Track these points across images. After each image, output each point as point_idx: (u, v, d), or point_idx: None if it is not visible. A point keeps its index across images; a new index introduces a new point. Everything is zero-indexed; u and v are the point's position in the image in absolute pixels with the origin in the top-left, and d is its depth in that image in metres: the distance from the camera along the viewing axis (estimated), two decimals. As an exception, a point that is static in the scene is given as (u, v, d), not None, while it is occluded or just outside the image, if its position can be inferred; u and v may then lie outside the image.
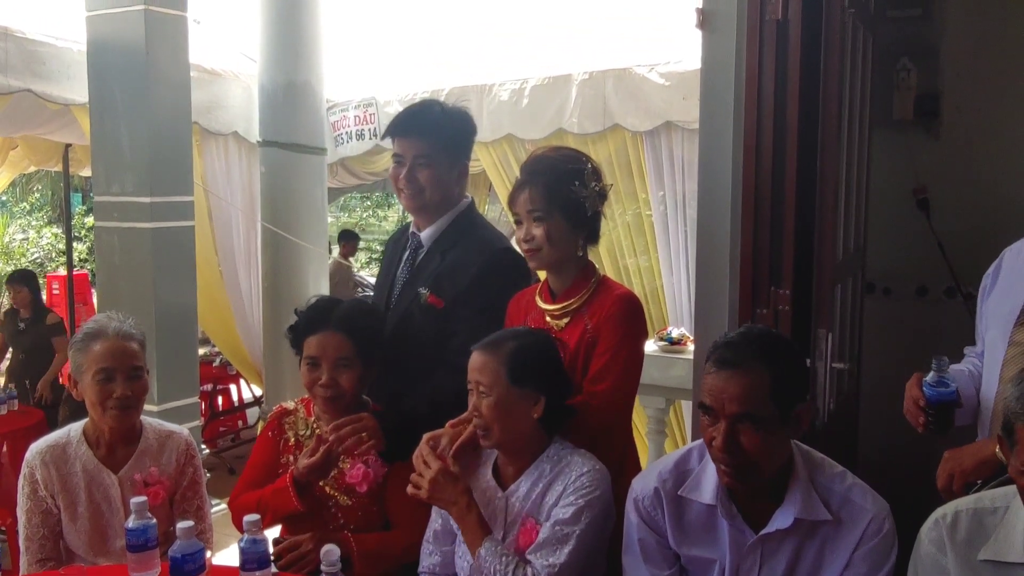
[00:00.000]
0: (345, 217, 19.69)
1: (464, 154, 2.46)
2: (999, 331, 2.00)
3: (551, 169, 2.18)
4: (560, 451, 1.99)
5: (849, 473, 1.82)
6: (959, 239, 3.24)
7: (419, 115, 2.40)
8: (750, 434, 1.67)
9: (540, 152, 2.29)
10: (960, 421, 2.13)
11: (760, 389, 1.67)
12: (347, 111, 5.61)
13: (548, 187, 2.14)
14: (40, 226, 15.43)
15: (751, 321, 2.46)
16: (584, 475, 1.92)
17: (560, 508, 1.90)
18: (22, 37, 4.24)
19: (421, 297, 2.35)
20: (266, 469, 2.32)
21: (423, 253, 2.46)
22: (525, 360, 1.94)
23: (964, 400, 2.06)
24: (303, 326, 2.26)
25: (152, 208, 4.05)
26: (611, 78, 4.46)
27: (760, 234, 2.47)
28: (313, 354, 2.23)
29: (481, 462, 2.08)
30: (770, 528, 1.76)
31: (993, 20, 3.25)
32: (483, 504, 2.00)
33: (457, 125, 2.44)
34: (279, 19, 5.22)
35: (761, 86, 2.42)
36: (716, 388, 1.69)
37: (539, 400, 1.94)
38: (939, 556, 1.59)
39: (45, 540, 2.26)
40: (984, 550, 1.54)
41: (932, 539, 1.61)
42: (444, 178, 2.40)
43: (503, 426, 1.95)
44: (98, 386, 2.23)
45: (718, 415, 1.69)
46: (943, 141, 3.36)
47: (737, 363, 1.68)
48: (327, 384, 2.21)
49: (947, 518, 1.60)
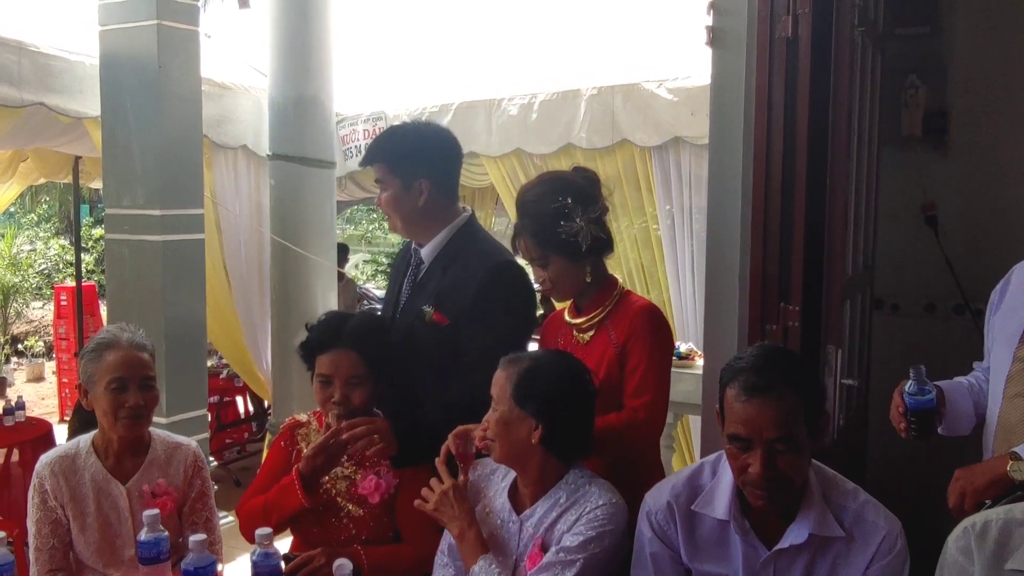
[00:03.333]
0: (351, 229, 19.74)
1: (421, 170, 2.38)
2: (1005, 348, 2.01)
3: (538, 215, 2.22)
4: (578, 479, 1.97)
5: (861, 490, 1.82)
6: (968, 256, 3.24)
7: (375, 141, 2.45)
8: (787, 456, 1.68)
9: (525, 191, 2.32)
10: (957, 432, 2.18)
11: (794, 412, 1.68)
12: (356, 125, 5.64)
13: (536, 235, 2.22)
14: (48, 237, 15.49)
15: (760, 337, 2.47)
16: (600, 508, 1.90)
17: (569, 536, 1.89)
18: (35, 51, 4.27)
19: (425, 315, 2.35)
20: (274, 477, 2.32)
21: (424, 269, 2.46)
22: (531, 383, 1.93)
23: (957, 411, 2.12)
24: (315, 343, 2.26)
25: (162, 221, 4.07)
26: (620, 93, 4.49)
27: (769, 250, 2.47)
28: (325, 372, 2.23)
29: (500, 486, 2.08)
30: (784, 544, 1.76)
31: (1002, 37, 3.26)
32: (497, 527, 2.01)
33: (409, 143, 2.42)
34: (289, 33, 5.25)
35: (771, 103, 2.43)
36: (751, 416, 1.68)
37: (537, 427, 1.92)
38: (966, 564, 1.58)
39: (55, 550, 2.27)
40: (1013, 559, 1.53)
41: (960, 547, 1.60)
42: (401, 198, 2.39)
43: (504, 443, 1.95)
44: (111, 395, 2.25)
45: (753, 442, 1.68)
46: (952, 158, 3.36)
47: (768, 389, 1.68)
48: (340, 402, 2.21)
49: (976, 527, 1.59)
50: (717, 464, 1.87)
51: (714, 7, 2.57)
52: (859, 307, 2.95)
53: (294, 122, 5.26)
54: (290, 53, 5.26)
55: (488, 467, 2.11)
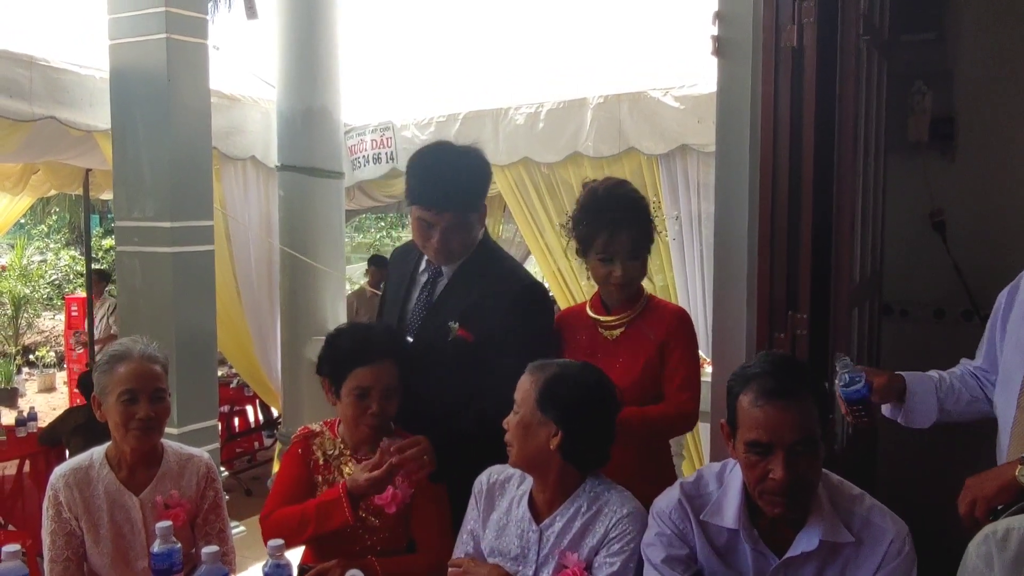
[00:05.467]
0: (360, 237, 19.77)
1: (483, 199, 2.46)
2: (1017, 356, 2.00)
3: (643, 211, 2.38)
4: (596, 487, 1.99)
5: (867, 494, 1.83)
6: (975, 261, 3.24)
7: (449, 186, 2.32)
8: (808, 459, 1.69)
9: (620, 185, 2.44)
10: (915, 424, 2.25)
11: (812, 414, 1.70)
12: (364, 135, 5.66)
13: (642, 229, 2.37)
14: (58, 248, 15.57)
15: (768, 345, 2.48)
16: (625, 518, 1.93)
17: (607, 559, 1.91)
18: (46, 65, 4.31)
19: (451, 331, 2.36)
20: (298, 485, 2.33)
21: (443, 283, 2.47)
22: (556, 389, 1.94)
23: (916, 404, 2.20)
24: (348, 356, 2.25)
25: (172, 233, 4.10)
26: (626, 102, 4.50)
27: (777, 258, 2.49)
28: (365, 384, 2.23)
29: (516, 494, 2.08)
30: (795, 551, 1.76)
31: (1007, 43, 3.27)
32: (516, 535, 2.02)
33: (483, 182, 2.44)
34: (297, 45, 5.29)
35: (777, 112, 2.45)
36: (773, 421, 1.68)
37: (557, 433, 1.93)
38: (986, 571, 1.58)
39: (69, 562, 2.28)
40: None
41: (980, 554, 1.60)
42: (475, 235, 2.44)
43: (521, 446, 1.96)
44: (122, 407, 2.26)
45: (773, 447, 1.68)
46: (958, 164, 3.36)
47: (788, 393, 1.68)
48: (377, 413, 2.22)
49: (997, 534, 1.59)
50: (723, 474, 1.87)
51: (719, 17, 2.58)
52: (867, 314, 2.95)
53: (302, 133, 5.30)
54: (298, 64, 5.29)
55: (503, 474, 2.12)
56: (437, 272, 2.49)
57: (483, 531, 2.10)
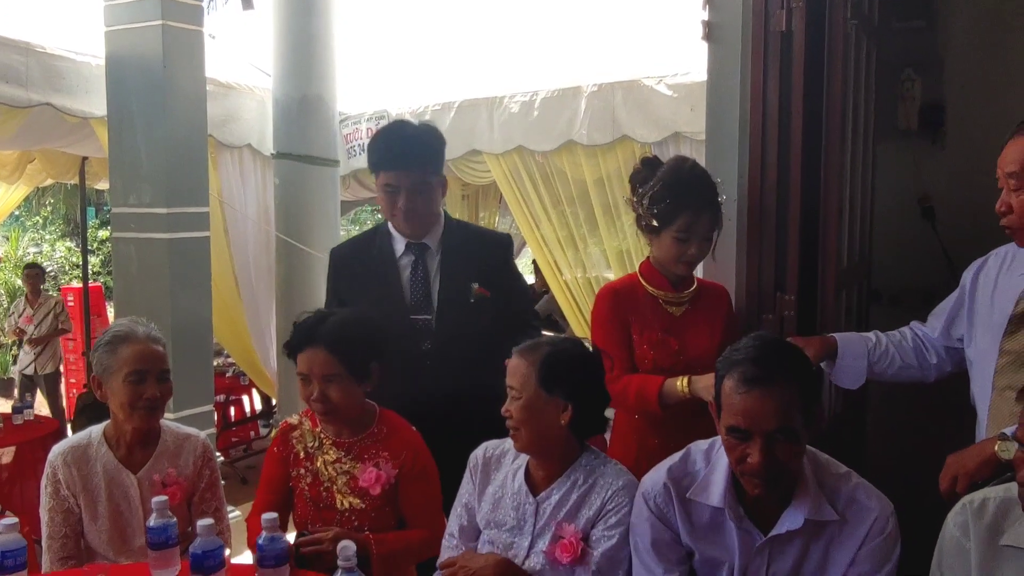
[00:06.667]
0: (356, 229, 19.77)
1: (441, 164, 2.61)
2: (990, 340, 2.03)
3: (715, 193, 2.38)
4: (592, 461, 2.04)
5: (854, 473, 1.85)
6: (964, 247, 3.24)
7: (409, 146, 2.52)
8: (785, 446, 1.70)
9: (702, 170, 2.42)
10: (844, 384, 2.31)
11: (793, 403, 1.70)
12: (359, 123, 5.68)
13: (717, 212, 2.37)
14: (53, 239, 15.56)
15: (758, 326, 2.51)
16: (621, 491, 1.98)
17: (605, 532, 1.96)
18: (42, 52, 4.31)
19: (471, 292, 2.52)
20: (278, 484, 2.37)
21: (435, 256, 2.58)
22: (556, 367, 1.98)
23: (845, 366, 2.26)
24: (293, 342, 2.29)
25: (169, 219, 4.11)
26: (620, 90, 4.52)
27: (765, 242, 2.52)
28: (303, 370, 2.26)
29: (512, 467, 2.12)
30: (780, 529, 1.79)
31: (996, 31, 3.30)
32: (513, 507, 2.06)
33: (438, 146, 2.58)
34: (292, 33, 5.30)
35: (766, 97, 2.48)
36: (751, 409, 1.69)
37: (567, 408, 1.98)
38: (962, 539, 1.61)
39: (67, 539, 2.31)
40: (1007, 535, 1.56)
41: (958, 523, 1.63)
42: (436, 199, 2.60)
43: (531, 429, 1.99)
44: (129, 387, 2.28)
45: (752, 433, 1.70)
46: (948, 151, 3.40)
47: (767, 380, 1.69)
48: (318, 399, 2.24)
49: (974, 503, 1.62)
50: (711, 452, 1.90)
51: (709, 2, 2.61)
52: (855, 298, 2.98)
53: (298, 121, 5.31)
54: (293, 53, 5.30)
55: (498, 448, 2.16)
56: (421, 249, 2.58)
57: (478, 504, 2.13)
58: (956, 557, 1.62)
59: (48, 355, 7.35)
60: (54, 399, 7.38)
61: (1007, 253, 2.13)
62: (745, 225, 2.56)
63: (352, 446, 2.30)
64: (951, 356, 2.26)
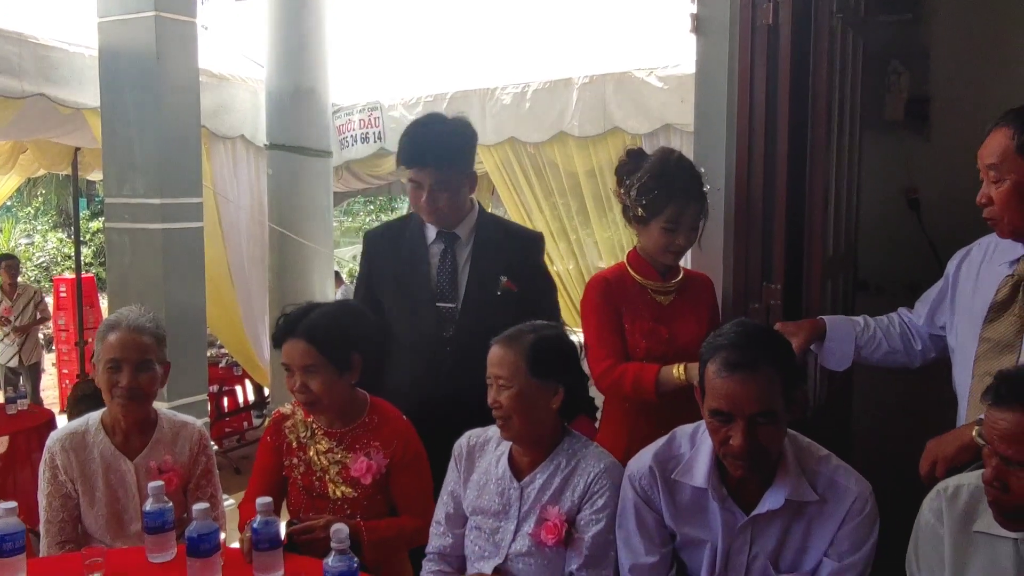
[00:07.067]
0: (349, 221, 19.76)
1: (472, 165, 2.62)
2: (970, 328, 2.07)
3: (700, 183, 2.42)
4: (573, 444, 2.09)
5: (833, 456, 1.90)
6: (949, 238, 3.27)
7: (432, 144, 2.51)
8: (767, 429, 1.75)
9: (688, 162, 2.46)
10: (830, 366, 2.34)
11: (773, 387, 1.75)
12: (352, 115, 5.70)
13: (703, 202, 2.41)
14: (45, 231, 15.54)
15: (744, 315, 2.55)
16: (603, 473, 2.02)
17: (592, 515, 2.00)
18: (35, 43, 4.32)
19: (499, 285, 2.55)
20: (271, 473, 2.40)
21: (465, 247, 2.61)
22: (545, 353, 2.02)
23: (833, 348, 2.28)
24: (277, 334, 2.32)
25: (162, 209, 4.13)
26: (611, 82, 4.55)
27: (752, 232, 2.56)
28: (285, 361, 2.29)
29: (496, 454, 2.15)
30: (761, 509, 1.84)
31: (982, 24, 3.34)
32: (498, 493, 2.09)
33: (465, 144, 2.59)
34: (285, 25, 5.32)
35: (753, 89, 2.52)
36: (732, 393, 1.74)
37: (558, 391, 2.03)
38: (936, 525, 1.66)
39: (64, 523, 2.35)
40: (979, 522, 1.61)
41: (932, 509, 1.68)
42: (461, 196, 2.59)
43: (524, 417, 2.03)
44: (107, 375, 2.33)
45: (734, 416, 1.74)
46: (934, 143, 3.44)
47: (748, 365, 1.74)
48: (300, 390, 2.27)
49: (948, 490, 1.67)
50: (695, 435, 1.94)
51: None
52: (842, 287, 3.03)
53: (291, 112, 5.33)
54: (286, 44, 5.32)
55: (482, 436, 2.20)
56: (451, 239, 2.61)
57: (464, 491, 2.17)
58: (931, 542, 1.67)
59: (31, 346, 7.36)
60: (35, 390, 7.38)
61: (990, 243, 2.17)
62: (732, 215, 2.60)
63: (344, 436, 2.34)
64: (935, 343, 2.30)
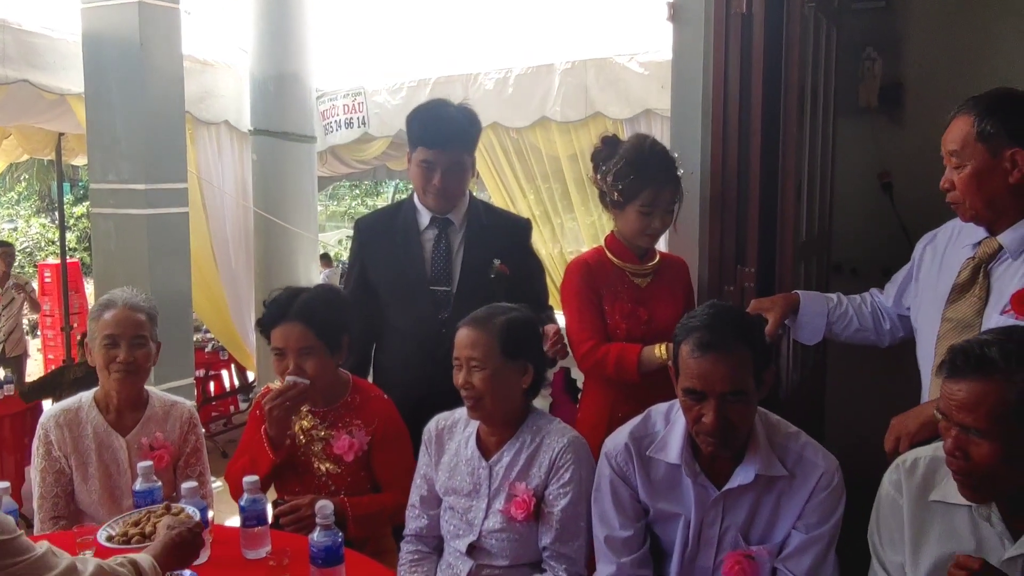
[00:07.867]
0: (334, 206, 19.74)
1: (475, 146, 2.72)
2: (933, 308, 2.13)
3: (675, 167, 2.47)
4: (537, 421, 2.15)
5: (803, 433, 1.97)
6: (921, 221, 3.31)
7: (453, 127, 2.60)
8: (737, 408, 1.81)
9: (656, 145, 2.50)
10: (801, 339, 2.40)
11: (744, 367, 1.81)
12: (336, 100, 5.72)
13: (678, 186, 2.47)
14: (28, 216, 15.46)
15: (719, 297, 2.62)
16: (568, 448, 2.08)
17: (560, 489, 2.06)
18: (19, 29, 4.33)
19: (492, 268, 2.60)
20: (258, 444, 2.44)
21: (459, 231, 2.67)
22: (516, 334, 2.09)
23: (804, 322, 2.34)
24: (267, 318, 2.37)
25: (147, 195, 4.16)
26: (592, 67, 4.60)
27: (727, 217, 2.63)
28: (278, 345, 2.34)
29: (464, 435, 2.22)
30: (732, 484, 1.90)
31: (955, 11, 3.40)
32: (468, 473, 2.16)
33: (478, 130, 2.71)
34: (269, 10, 5.33)
35: (727, 76, 2.57)
36: (704, 372, 1.80)
37: (527, 370, 2.10)
38: (896, 496, 1.73)
39: (58, 499, 2.42)
40: (935, 492, 1.68)
41: (891, 481, 1.76)
42: (468, 179, 2.71)
43: (496, 397, 2.08)
44: (104, 351, 2.39)
45: (706, 395, 1.81)
46: (907, 128, 3.50)
47: (720, 346, 1.80)
48: (294, 373, 2.32)
49: (906, 463, 1.75)
50: (670, 413, 2.01)
51: (674, -17, 2.69)
52: (816, 269, 3.10)
53: (275, 98, 5.36)
54: (270, 30, 5.34)
55: (449, 419, 2.26)
56: (445, 224, 2.66)
57: (436, 474, 2.23)
58: (891, 512, 1.75)
59: (16, 337, 7.35)
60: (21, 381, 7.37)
61: (955, 227, 2.22)
62: (708, 199, 2.66)
63: (327, 414, 2.41)
64: (903, 323, 2.37)
